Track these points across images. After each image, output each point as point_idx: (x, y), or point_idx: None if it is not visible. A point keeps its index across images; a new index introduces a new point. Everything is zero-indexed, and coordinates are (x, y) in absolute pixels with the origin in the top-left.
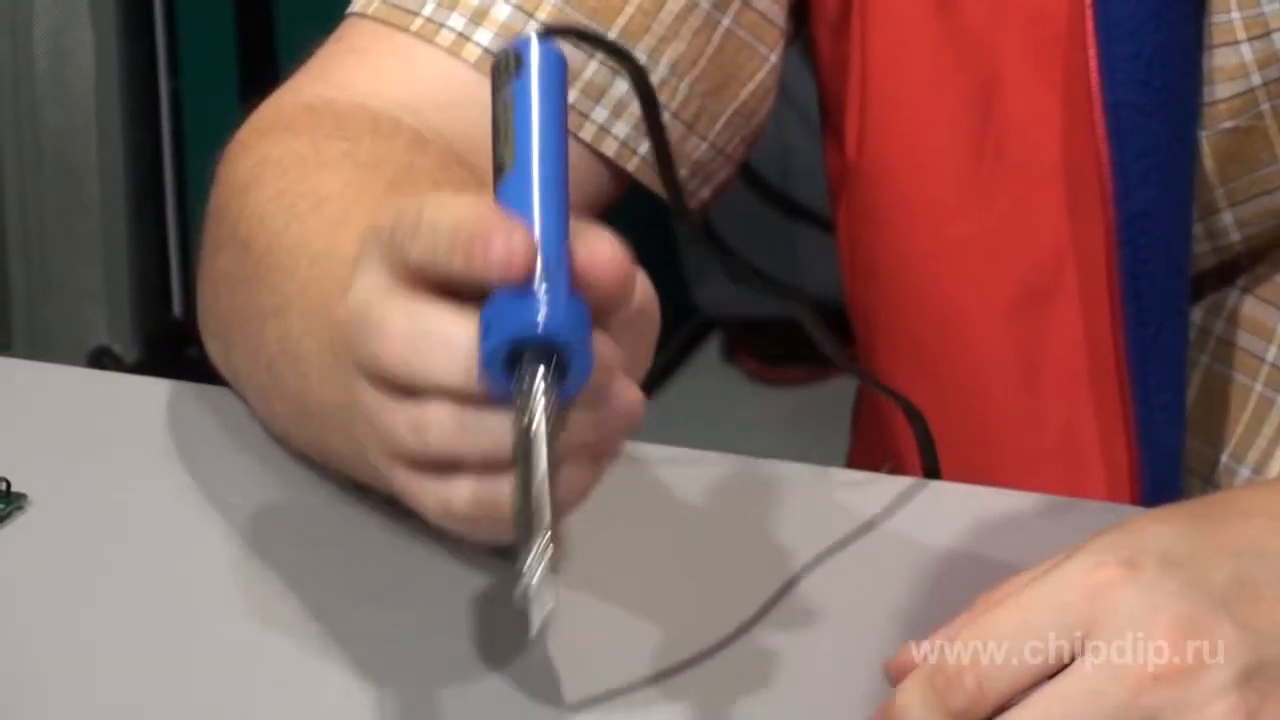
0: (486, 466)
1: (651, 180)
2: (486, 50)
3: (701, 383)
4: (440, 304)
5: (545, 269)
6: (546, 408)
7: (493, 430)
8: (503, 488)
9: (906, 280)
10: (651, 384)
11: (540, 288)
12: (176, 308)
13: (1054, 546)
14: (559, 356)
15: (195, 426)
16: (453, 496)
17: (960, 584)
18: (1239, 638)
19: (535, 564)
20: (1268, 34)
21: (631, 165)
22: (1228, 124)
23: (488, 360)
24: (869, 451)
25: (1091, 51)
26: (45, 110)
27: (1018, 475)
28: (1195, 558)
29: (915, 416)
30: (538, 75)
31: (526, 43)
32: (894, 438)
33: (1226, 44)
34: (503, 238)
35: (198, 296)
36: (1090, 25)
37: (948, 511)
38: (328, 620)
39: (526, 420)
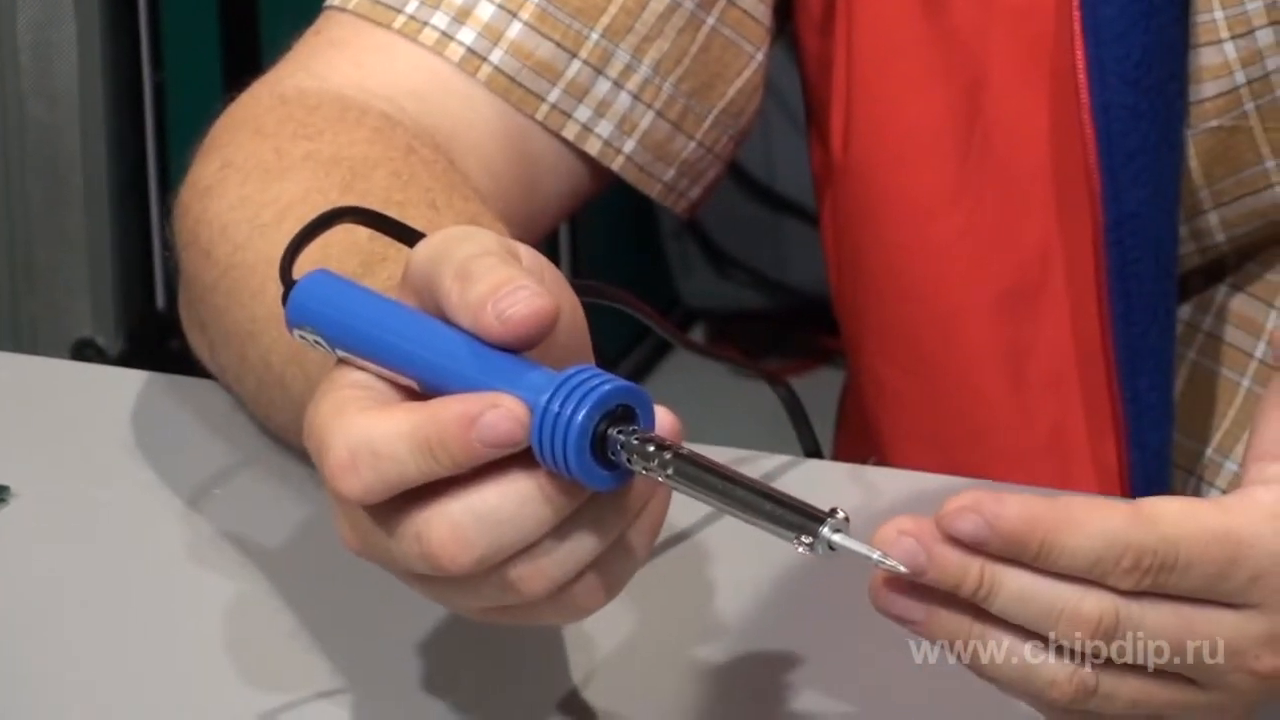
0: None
1: (636, 177)
2: (470, 50)
3: (685, 375)
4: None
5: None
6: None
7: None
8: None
9: (893, 277)
10: (635, 377)
11: (577, 375)
12: (160, 300)
13: None
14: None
15: (178, 418)
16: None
17: None
18: None
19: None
20: (1250, 32)
21: (616, 164)
22: (1213, 123)
23: (581, 436)
24: (854, 444)
25: (1079, 53)
26: (29, 104)
27: (1008, 474)
28: None
29: (788, 396)
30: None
31: (299, 292)
32: (879, 430)
33: (1211, 43)
34: (491, 415)
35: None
36: (1078, 27)
37: (934, 504)
38: (309, 609)
39: (674, 454)
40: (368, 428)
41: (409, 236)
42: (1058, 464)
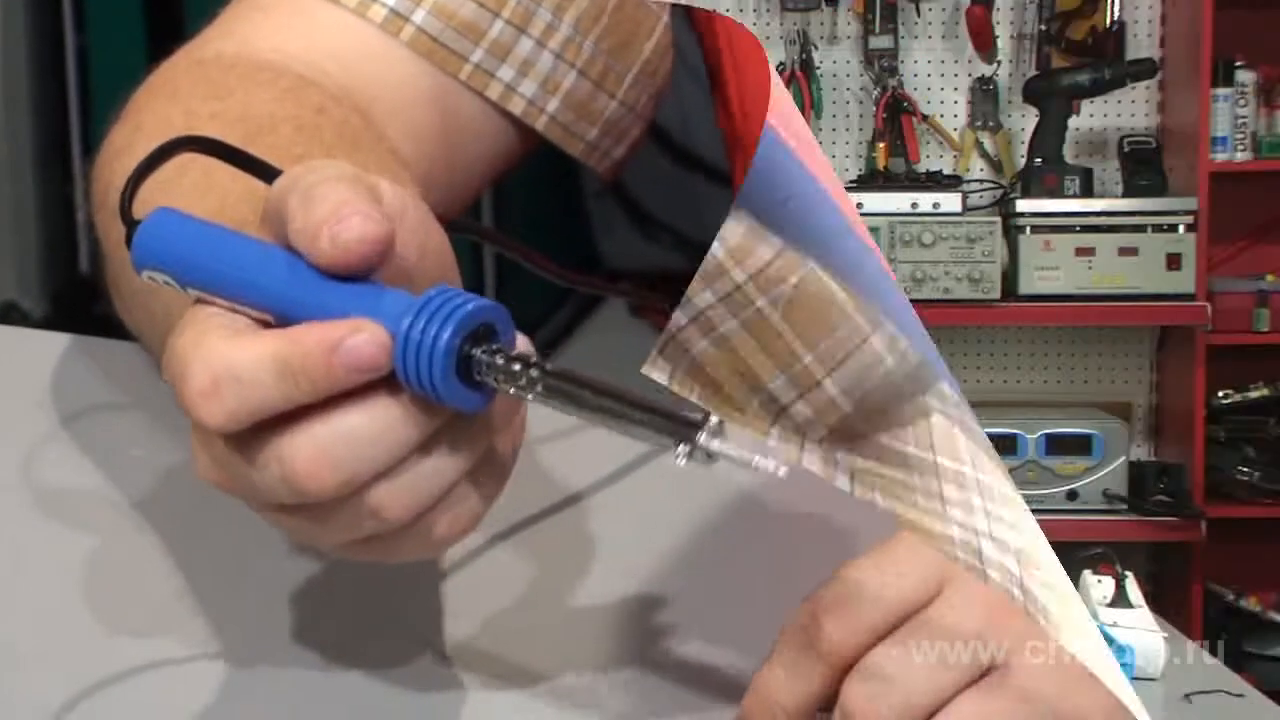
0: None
1: (560, 136)
2: (392, 10)
3: (607, 336)
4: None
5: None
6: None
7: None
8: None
9: None
10: (557, 337)
11: (437, 297)
12: (83, 264)
13: None
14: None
15: (101, 381)
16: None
17: (863, 538)
18: None
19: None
20: None
21: (540, 123)
22: None
23: (446, 358)
24: None
25: None
26: None
27: None
28: None
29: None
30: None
31: (141, 235)
32: None
33: None
34: (353, 340)
35: None
36: None
37: None
38: (228, 569)
39: (542, 372)
40: (229, 354)
41: (255, 167)
42: None
